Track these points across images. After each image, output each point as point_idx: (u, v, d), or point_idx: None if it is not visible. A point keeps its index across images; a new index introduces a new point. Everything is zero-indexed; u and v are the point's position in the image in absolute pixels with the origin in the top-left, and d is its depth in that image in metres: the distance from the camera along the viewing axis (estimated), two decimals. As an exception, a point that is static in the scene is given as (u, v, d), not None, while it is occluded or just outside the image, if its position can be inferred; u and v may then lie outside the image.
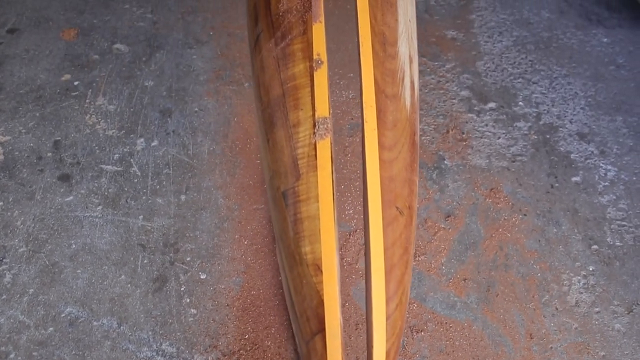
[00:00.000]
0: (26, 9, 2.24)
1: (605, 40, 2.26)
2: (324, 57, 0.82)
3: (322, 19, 0.86)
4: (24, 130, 1.81)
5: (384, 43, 0.87)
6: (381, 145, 0.78)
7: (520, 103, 1.98)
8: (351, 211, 1.63)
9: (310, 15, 0.86)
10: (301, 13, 0.85)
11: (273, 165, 0.81)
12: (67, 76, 1.98)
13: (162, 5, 2.24)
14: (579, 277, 1.56)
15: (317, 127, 0.78)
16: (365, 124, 0.79)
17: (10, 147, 1.77)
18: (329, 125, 0.77)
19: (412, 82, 0.89)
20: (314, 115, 0.78)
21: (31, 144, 1.78)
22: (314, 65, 0.82)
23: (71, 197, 1.66)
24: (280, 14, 0.87)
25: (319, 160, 0.76)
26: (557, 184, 1.76)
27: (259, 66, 0.90)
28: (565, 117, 1.96)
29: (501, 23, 2.28)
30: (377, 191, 0.75)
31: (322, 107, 0.78)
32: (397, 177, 0.78)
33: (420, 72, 2.04)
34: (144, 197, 1.65)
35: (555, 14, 2.36)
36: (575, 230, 1.66)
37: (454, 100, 1.95)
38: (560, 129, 1.92)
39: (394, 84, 0.84)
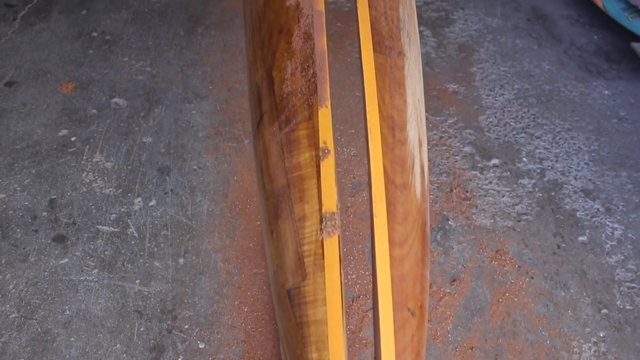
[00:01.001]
0: (25, 61, 2.22)
1: (606, 92, 2.25)
2: (331, 146, 0.79)
3: (328, 103, 0.83)
4: (19, 188, 1.77)
5: (393, 128, 0.84)
6: (391, 242, 0.74)
7: (524, 159, 1.95)
8: (354, 276, 1.59)
9: (315, 99, 0.83)
10: (306, 96, 0.82)
11: (277, 260, 0.78)
12: (64, 131, 1.95)
13: (162, 58, 2.23)
14: (590, 344, 1.51)
15: (324, 222, 0.74)
16: (374, 218, 0.75)
17: (4, 206, 1.73)
18: (336, 221, 0.74)
19: (422, 168, 0.86)
20: (320, 209, 0.75)
21: (26, 203, 1.74)
22: (320, 154, 0.79)
23: (66, 260, 1.61)
24: (285, 96, 0.85)
25: (326, 259, 0.72)
26: (563, 244, 1.72)
27: (261, 150, 0.87)
28: (569, 173, 1.93)
29: (502, 76, 2.27)
30: (387, 293, 0.71)
31: (330, 202, 0.74)
32: (408, 275, 0.74)
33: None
34: (141, 260, 1.61)
35: (556, 66, 2.35)
36: (584, 294, 1.62)
37: (456, 157, 1.93)
38: (565, 185, 1.89)
39: (403, 172, 0.81)
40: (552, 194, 1.85)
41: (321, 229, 0.74)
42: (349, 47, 2.32)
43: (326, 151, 0.79)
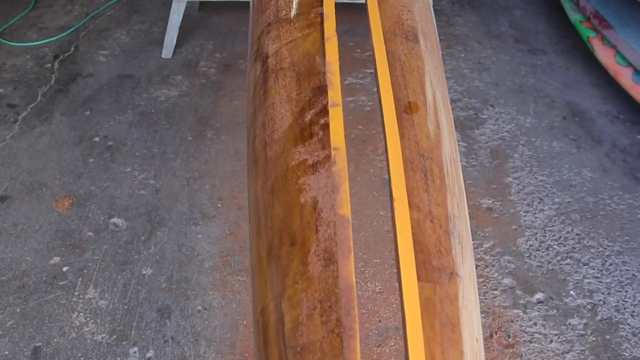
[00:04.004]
0: (21, 172, 2.05)
1: (657, 204, 2.03)
2: None
3: None
4: (0, 332, 1.56)
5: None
6: None
7: (572, 292, 1.72)
8: None
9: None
10: (329, 357, 0.61)
11: None
12: (56, 259, 1.75)
13: (167, 169, 2.04)
14: None
15: None
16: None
17: (-18, 354, 1.52)
18: None
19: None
20: None
21: (6, 352, 1.52)
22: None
23: None
24: (298, 349, 0.63)
25: None
26: (626, 406, 1.47)
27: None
28: (625, 308, 1.69)
29: (540, 187, 2.05)
30: None
31: None
32: None
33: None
34: None
35: (598, 173, 2.14)
36: None
37: (495, 292, 1.70)
38: (622, 325, 1.64)
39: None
40: (607, 337, 1.61)
41: None
42: (371, 154, 2.13)
43: None
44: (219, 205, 1.92)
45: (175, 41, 2.60)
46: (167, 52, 2.61)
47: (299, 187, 0.73)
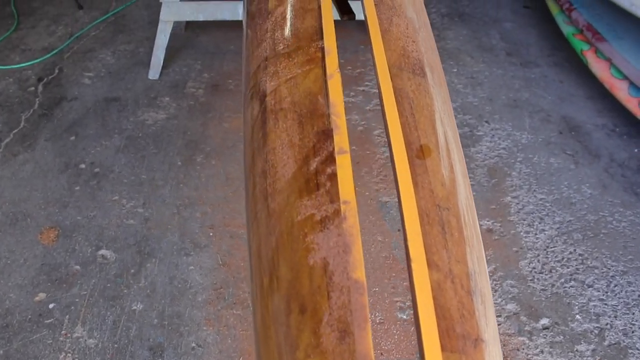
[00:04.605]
0: (4, 202, 1.98)
1: (659, 221, 1.99)
2: None
3: None
4: (-16, 377, 1.49)
5: None
6: None
7: (578, 316, 1.67)
8: None
9: None
10: None
11: None
12: (42, 295, 1.68)
13: (156, 196, 1.98)
14: None
15: None
16: None
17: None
18: None
19: None
20: None
21: (-9, 398, 1.45)
22: None
23: None
24: None
25: None
26: None
27: None
28: (633, 332, 1.64)
29: (540, 205, 2.01)
30: None
31: None
32: None
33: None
34: None
35: (598, 190, 2.09)
36: None
37: (499, 319, 1.64)
38: (630, 350, 1.60)
39: None
40: (617, 363, 1.56)
41: None
42: (367, 176, 2.07)
43: None
44: (211, 234, 1.85)
45: (162, 61, 2.54)
46: (154, 73, 2.55)
47: (307, 246, 0.67)
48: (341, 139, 0.74)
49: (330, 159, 0.72)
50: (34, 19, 2.98)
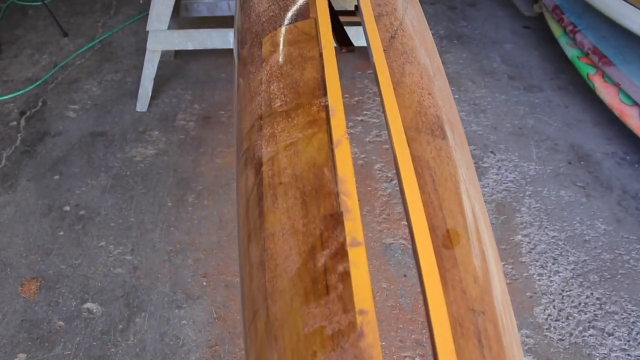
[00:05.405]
0: (-19, 249, 1.84)
1: (678, 258, 1.87)
2: None
3: None
4: None
5: None
6: None
7: (600, 369, 1.55)
8: None
9: None
10: None
11: None
12: (22, 356, 1.55)
13: (145, 242, 1.85)
14: None
15: None
16: None
17: None
18: None
19: None
20: None
21: None
22: None
23: None
24: None
25: None
26: None
27: None
28: (659, 385, 1.52)
29: (553, 244, 1.89)
30: None
31: None
32: None
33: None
34: None
35: (612, 225, 1.98)
36: None
37: (517, 374, 1.51)
38: (658, 407, 1.47)
39: None
40: (645, 422, 1.44)
41: None
42: (369, 215, 1.96)
43: None
44: (204, 283, 1.72)
45: (150, 93, 2.42)
46: (141, 104, 2.43)
47: (317, 369, 0.55)
48: (354, 227, 0.62)
49: (342, 253, 0.60)
50: (16, 47, 2.87)
